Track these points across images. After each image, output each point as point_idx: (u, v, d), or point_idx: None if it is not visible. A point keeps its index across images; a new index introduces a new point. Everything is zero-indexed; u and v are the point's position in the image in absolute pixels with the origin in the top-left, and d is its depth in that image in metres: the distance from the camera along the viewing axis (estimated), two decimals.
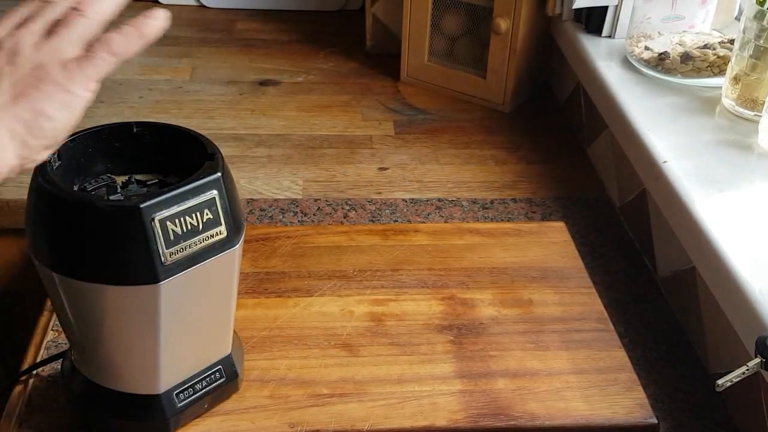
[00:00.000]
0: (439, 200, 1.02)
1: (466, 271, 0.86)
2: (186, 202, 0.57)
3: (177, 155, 0.64)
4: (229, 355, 0.69)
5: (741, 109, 0.94)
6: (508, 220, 0.98)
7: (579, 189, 1.07)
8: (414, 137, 1.17)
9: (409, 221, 0.98)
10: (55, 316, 0.81)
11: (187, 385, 0.66)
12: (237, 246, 0.61)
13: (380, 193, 1.03)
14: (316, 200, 1.01)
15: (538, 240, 0.91)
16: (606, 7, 1.12)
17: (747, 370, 0.63)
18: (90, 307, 0.60)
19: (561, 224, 0.94)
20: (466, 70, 1.26)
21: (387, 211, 1.00)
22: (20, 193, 0.99)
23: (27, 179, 1.05)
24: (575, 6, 1.13)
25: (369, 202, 1.01)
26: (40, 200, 0.58)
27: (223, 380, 0.68)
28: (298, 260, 0.85)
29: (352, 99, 1.27)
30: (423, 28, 1.26)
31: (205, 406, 0.68)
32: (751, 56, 0.90)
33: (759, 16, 0.88)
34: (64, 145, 0.61)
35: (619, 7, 1.12)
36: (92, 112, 1.19)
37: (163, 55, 1.37)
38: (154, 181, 0.63)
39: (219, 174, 0.59)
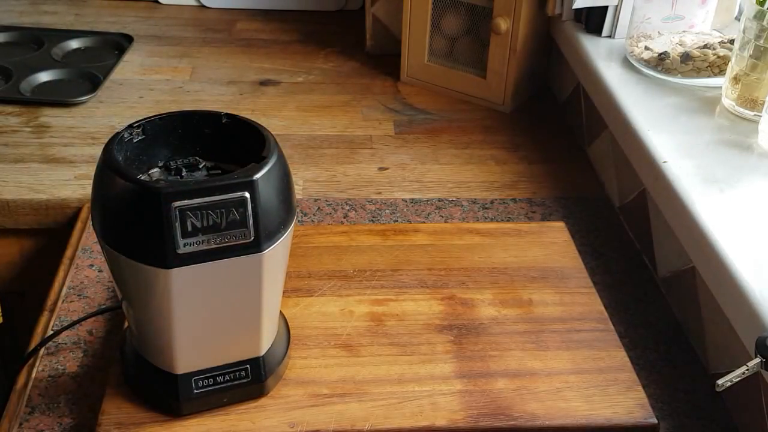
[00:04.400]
0: (439, 200, 1.02)
1: (466, 271, 0.86)
2: (211, 197, 0.57)
3: (255, 151, 0.63)
4: (260, 357, 0.69)
5: (741, 109, 0.94)
6: (508, 220, 0.98)
7: (579, 189, 1.07)
8: (414, 137, 1.17)
9: (409, 221, 0.98)
10: (55, 317, 0.81)
11: (207, 375, 0.67)
12: (264, 253, 0.61)
13: (380, 193, 1.03)
14: (316, 200, 1.01)
15: (538, 240, 0.91)
16: (606, 7, 1.12)
17: (747, 370, 0.63)
18: (118, 273, 0.63)
19: (561, 224, 0.94)
20: (466, 70, 1.26)
21: (387, 211, 1.00)
22: (20, 193, 1.00)
23: (26, 179, 1.05)
24: (575, 6, 1.13)
25: (369, 202, 1.01)
26: (100, 164, 0.61)
27: (247, 380, 0.68)
28: (298, 260, 0.85)
29: (352, 99, 1.27)
30: (423, 28, 1.26)
31: (224, 400, 0.68)
32: (751, 56, 0.90)
33: (759, 16, 0.88)
34: (150, 121, 0.64)
35: (619, 7, 1.12)
36: (92, 112, 1.19)
37: (163, 55, 1.37)
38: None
39: (255, 177, 0.59)
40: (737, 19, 1.13)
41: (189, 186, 0.58)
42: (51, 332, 0.78)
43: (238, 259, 0.60)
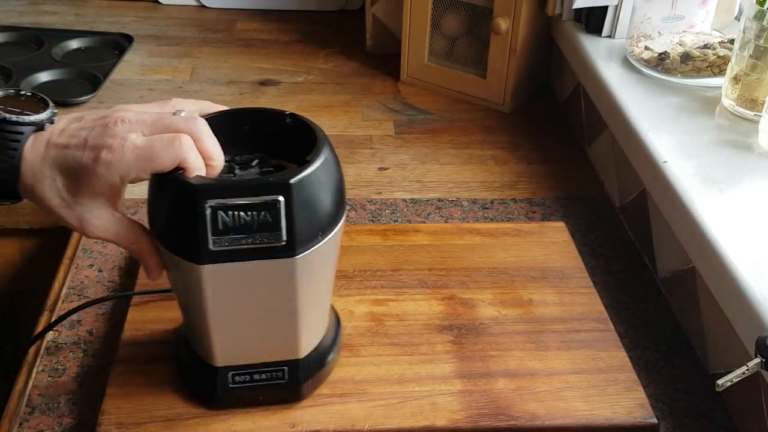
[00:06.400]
0: (439, 200, 1.02)
1: (466, 271, 0.86)
2: (244, 197, 0.57)
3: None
4: (298, 360, 0.68)
5: (741, 109, 0.94)
6: (508, 220, 0.98)
7: (579, 189, 1.07)
8: (414, 137, 1.17)
9: (409, 221, 0.98)
10: (54, 317, 0.81)
11: (245, 371, 0.67)
12: (297, 257, 0.60)
13: (380, 193, 1.04)
14: None
15: (538, 240, 0.91)
16: (606, 7, 1.12)
17: (747, 370, 0.63)
18: (166, 263, 0.64)
19: (561, 224, 0.94)
20: (466, 70, 1.26)
21: (387, 211, 1.00)
22: None
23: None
24: (575, 6, 1.13)
25: (369, 202, 1.01)
26: None
27: (284, 381, 0.68)
28: None
29: (352, 99, 1.27)
30: (423, 28, 1.26)
31: (260, 398, 0.69)
32: (751, 56, 0.90)
33: (759, 16, 0.88)
34: (216, 117, 0.64)
35: (619, 7, 1.12)
36: None
37: (163, 55, 1.37)
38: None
39: (291, 181, 0.58)
40: (737, 19, 1.13)
41: (223, 184, 0.58)
42: (53, 323, 0.78)
43: (270, 261, 0.60)
